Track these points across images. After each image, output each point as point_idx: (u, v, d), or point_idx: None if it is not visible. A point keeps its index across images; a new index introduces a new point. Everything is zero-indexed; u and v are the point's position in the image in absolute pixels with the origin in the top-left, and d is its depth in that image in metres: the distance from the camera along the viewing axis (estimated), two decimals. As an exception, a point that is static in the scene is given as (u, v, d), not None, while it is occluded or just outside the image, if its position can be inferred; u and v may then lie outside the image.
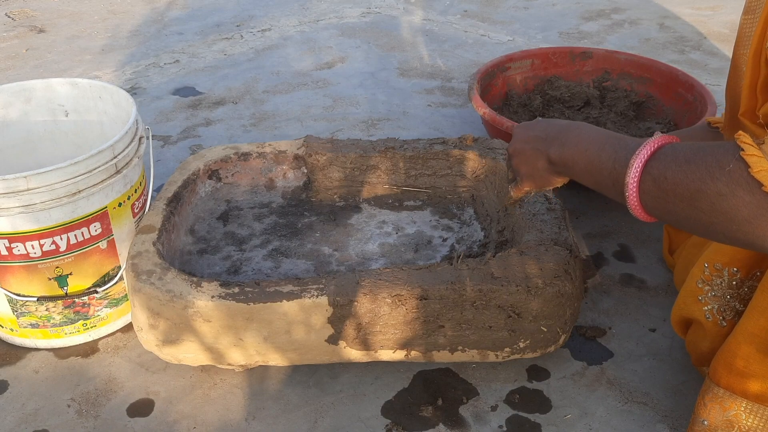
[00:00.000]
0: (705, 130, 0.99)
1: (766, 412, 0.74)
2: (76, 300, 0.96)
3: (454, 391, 0.92)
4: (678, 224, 0.63)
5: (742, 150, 0.57)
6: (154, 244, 0.92)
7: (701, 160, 0.59)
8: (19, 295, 0.93)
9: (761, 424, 0.75)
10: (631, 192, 0.65)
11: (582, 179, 0.73)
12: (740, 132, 0.58)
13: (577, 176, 0.74)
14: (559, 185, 0.80)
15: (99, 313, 0.99)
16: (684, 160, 0.61)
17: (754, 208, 0.56)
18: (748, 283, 0.78)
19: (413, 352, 0.89)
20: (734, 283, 0.79)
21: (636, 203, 0.65)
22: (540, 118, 0.84)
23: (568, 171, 0.75)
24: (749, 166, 0.56)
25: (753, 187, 0.55)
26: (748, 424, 0.75)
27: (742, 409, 0.75)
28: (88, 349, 1.00)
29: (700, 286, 0.82)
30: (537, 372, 0.95)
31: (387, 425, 0.87)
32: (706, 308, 0.81)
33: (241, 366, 0.91)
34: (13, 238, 0.88)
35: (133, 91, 1.79)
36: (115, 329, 1.02)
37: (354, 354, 0.88)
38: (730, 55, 0.81)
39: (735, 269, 0.78)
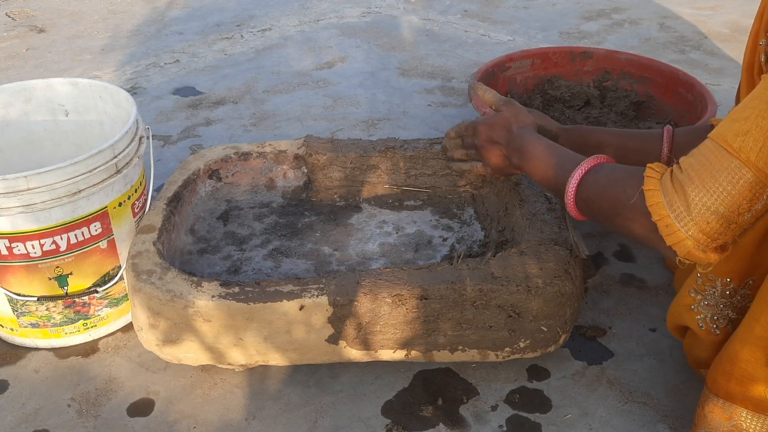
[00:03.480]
0: (706, 129, 1.00)
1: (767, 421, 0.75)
2: (77, 300, 0.96)
3: (454, 391, 0.92)
4: (605, 227, 0.79)
5: (644, 182, 0.70)
6: (154, 243, 0.92)
7: (615, 190, 0.76)
8: (19, 294, 0.93)
9: (765, 428, 0.75)
10: (570, 207, 0.83)
11: (538, 183, 0.92)
12: (650, 164, 0.71)
13: (535, 180, 0.92)
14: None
15: (99, 312, 0.99)
16: (603, 188, 0.78)
17: (648, 231, 0.71)
18: (741, 291, 0.79)
19: (413, 352, 0.89)
20: (727, 292, 0.79)
21: (576, 213, 0.83)
22: (498, 118, 0.98)
23: (526, 174, 0.93)
24: (645, 199, 0.70)
25: (647, 216, 0.70)
26: (752, 428, 0.75)
27: (743, 417, 0.75)
28: (89, 349, 1.00)
29: (692, 295, 0.82)
30: (537, 372, 0.95)
31: (387, 425, 0.87)
32: (698, 317, 0.82)
33: (242, 366, 0.91)
34: (13, 237, 0.88)
35: (133, 90, 1.79)
36: (116, 329, 1.02)
37: (354, 354, 0.88)
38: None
39: (728, 279, 0.79)
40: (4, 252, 0.89)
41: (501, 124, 0.97)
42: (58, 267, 0.92)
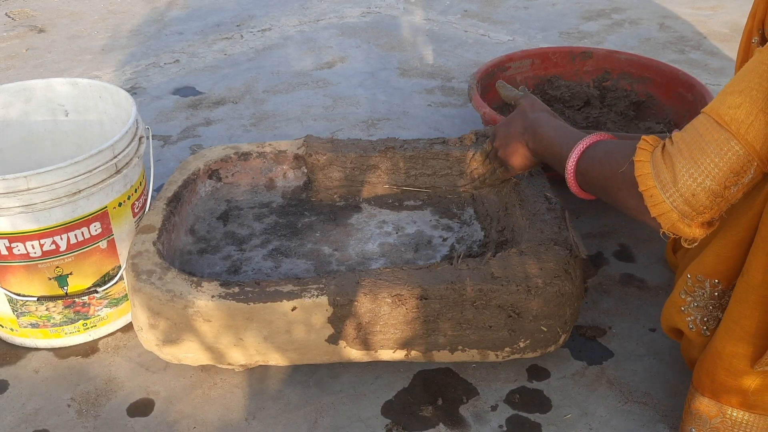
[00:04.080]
0: None
1: (753, 415, 0.75)
2: (76, 300, 0.96)
3: (454, 391, 0.92)
4: (602, 201, 0.82)
5: (636, 154, 0.71)
6: (154, 243, 0.92)
7: (609, 162, 0.77)
8: (19, 294, 0.93)
9: (751, 419, 0.75)
10: (570, 181, 0.85)
11: (550, 165, 0.92)
12: (644, 136, 0.72)
13: (547, 163, 0.93)
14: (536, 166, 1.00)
15: (99, 312, 0.99)
16: (598, 160, 0.80)
17: (636, 201, 0.72)
18: (730, 293, 0.79)
19: (413, 352, 0.89)
20: (716, 294, 0.80)
21: (576, 188, 0.86)
22: (515, 113, 1.00)
23: (541, 158, 0.94)
24: (635, 169, 0.71)
25: (635, 186, 0.71)
26: (738, 419, 0.76)
27: (728, 413, 0.76)
28: (88, 349, 1.00)
29: (683, 297, 0.83)
30: (537, 372, 0.95)
31: (387, 425, 0.87)
32: (689, 318, 0.83)
33: (242, 366, 0.91)
34: (13, 237, 0.88)
35: (133, 91, 1.79)
36: (115, 329, 1.02)
37: (354, 354, 0.88)
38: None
39: (716, 281, 0.79)
40: (4, 252, 0.89)
41: (518, 115, 0.99)
42: (58, 267, 0.92)
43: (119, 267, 0.98)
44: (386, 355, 0.89)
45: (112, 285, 0.98)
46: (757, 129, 0.64)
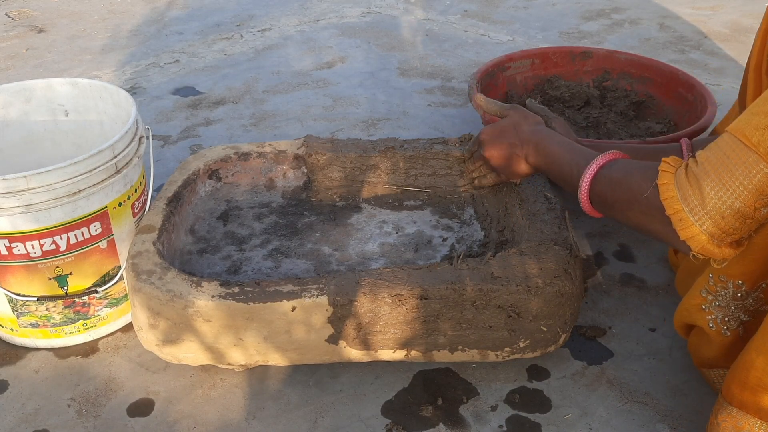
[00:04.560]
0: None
1: None
2: (76, 300, 0.96)
3: (454, 391, 0.92)
4: (620, 223, 0.82)
5: (659, 176, 0.70)
6: (154, 243, 0.92)
7: (629, 184, 0.76)
8: (19, 294, 0.93)
9: None
10: (584, 203, 0.84)
11: (554, 181, 0.92)
12: (664, 158, 0.71)
13: (550, 178, 0.93)
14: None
15: (99, 312, 0.99)
16: (616, 183, 0.78)
17: (662, 225, 0.71)
18: (754, 294, 0.78)
19: (413, 352, 0.89)
20: (739, 294, 0.79)
21: (588, 208, 0.85)
22: (505, 122, 1.00)
23: (544, 173, 0.94)
24: (659, 193, 0.70)
25: (661, 210, 0.70)
26: None
27: (756, 427, 0.74)
28: (88, 349, 1.00)
29: (704, 295, 0.82)
30: (537, 372, 0.95)
31: (387, 425, 0.87)
32: (709, 317, 0.82)
33: (241, 366, 0.91)
34: (13, 237, 0.88)
35: (133, 90, 1.79)
36: (115, 329, 1.02)
37: (354, 354, 0.88)
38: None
39: (740, 282, 0.78)
40: (4, 252, 0.89)
41: (511, 127, 0.98)
42: (58, 267, 0.92)
43: (119, 267, 0.98)
44: (386, 355, 0.89)
45: (112, 285, 0.98)
46: None
